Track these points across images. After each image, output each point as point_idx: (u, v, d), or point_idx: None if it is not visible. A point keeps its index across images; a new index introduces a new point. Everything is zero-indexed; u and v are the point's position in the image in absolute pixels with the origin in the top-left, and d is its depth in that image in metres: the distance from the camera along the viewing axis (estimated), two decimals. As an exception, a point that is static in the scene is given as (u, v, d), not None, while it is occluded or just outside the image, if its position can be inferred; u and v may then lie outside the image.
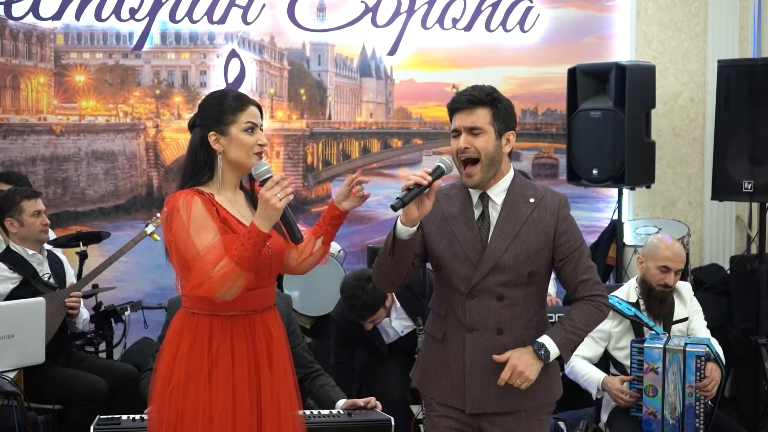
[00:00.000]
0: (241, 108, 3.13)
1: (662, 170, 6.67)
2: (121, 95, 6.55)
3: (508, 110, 3.21)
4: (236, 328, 3.09)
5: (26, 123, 6.44)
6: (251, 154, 3.12)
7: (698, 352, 4.28)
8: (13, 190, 5.01)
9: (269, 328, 3.15)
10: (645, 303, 4.61)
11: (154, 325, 5.56)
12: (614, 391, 4.44)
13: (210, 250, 2.93)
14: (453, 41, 6.72)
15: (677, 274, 4.59)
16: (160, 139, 6.59)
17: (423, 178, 2.99)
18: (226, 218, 3.06)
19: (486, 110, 3.16)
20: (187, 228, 2.97)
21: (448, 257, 3.20)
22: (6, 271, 4.69)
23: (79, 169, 6.53)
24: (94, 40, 6.51)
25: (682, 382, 4.30)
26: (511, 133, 3.21)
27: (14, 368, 4.29)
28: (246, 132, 3.11)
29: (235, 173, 3.17)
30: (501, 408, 3.19)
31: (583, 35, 6.91)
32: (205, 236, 2.96)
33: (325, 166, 6.84)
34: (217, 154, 3.12)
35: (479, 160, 3.15)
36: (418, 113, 6.87)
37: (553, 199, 3.23)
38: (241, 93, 3.26)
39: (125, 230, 6.37)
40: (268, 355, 3.12)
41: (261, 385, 3.10)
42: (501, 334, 3.17)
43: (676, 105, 6.88)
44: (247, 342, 3.10)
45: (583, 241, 3.30)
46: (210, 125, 3.13)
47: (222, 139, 3.11)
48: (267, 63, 6.68)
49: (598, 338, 4.62)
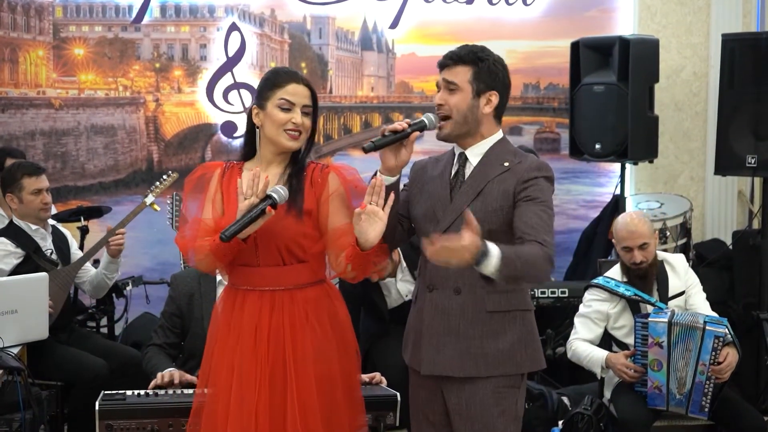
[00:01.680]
0: (280, 84, 3.12)
1: (664, 145, 6.63)
2: (120, 69, 6.50)
3: (492, 71, 3.12)
4: (248, 302, 3.12)
5: (25, 97, 6.39)
6: (281, 132, 3.10)
7: (718, 333, 4.27)
8: (16, 164, 4.93)
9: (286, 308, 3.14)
10: (630, 282, 4.61)
11: (155, 300, 5.56)
12: (619, 366, 4.44)
13: (205, 224, 3.10)
14: (455, 14, 6.67)
15: (643, 248, 4.56)
16: (160, 113, 6.54)
17: (400, 126, 3.03)
18: (225, 195, 3.14)
19: (466, 68, 3.10)
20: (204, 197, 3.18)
21: (420, 216, 3.20)
22: (9, 245, 4.65)
23: (79, 144, 6.48)
24: (93, 13, 6.45)
25: (695, 359, 4.29)
26: (493, 93, 3.11)
27: (18, 344, 4.27)
28: (280, 109, 3.09)
29: (271, 149, 3.16)
30: (456, 372, 3.11)
31: (586, 8, 6.86)
32: (207, 210, 3.15)
33: (327, 140, 6.80)
34: (256, 128, 3.15)
35: (451, 117, 3.12)
36: (420, 87, 6.84)
37: (529, 164, 3.11)
38: (291, 70, 3.26)
39: (125, 204, 6.32)
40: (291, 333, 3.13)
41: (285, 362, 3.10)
42: (458, 294, 3.11)
43: (679, 79, 6.84)
44: (231, 314, 3.15)
45: (549, 207, 3.05)
46: (256, 99, 3.17)
47: (261, 113, 3.13)
48: (267, 36, 6.63)
49: (596, 319, 4.64)
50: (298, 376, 3.10)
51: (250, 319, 3.12)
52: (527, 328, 3.18)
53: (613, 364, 4.46)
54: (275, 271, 3.14)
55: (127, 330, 5.63)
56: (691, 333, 4.30)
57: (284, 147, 3.12)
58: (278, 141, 3.11)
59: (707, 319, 4.34)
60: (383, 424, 3.85)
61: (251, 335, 3.11)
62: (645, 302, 4.54)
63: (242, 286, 3.16)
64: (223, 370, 3.11)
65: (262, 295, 3.14)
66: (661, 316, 4.36)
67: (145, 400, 3.70)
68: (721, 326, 4.30)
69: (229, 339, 3.13)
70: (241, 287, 3.16)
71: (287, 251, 3.13)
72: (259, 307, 3.12)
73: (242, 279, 3.16)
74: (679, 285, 4.65)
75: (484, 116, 3.13)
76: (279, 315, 3.13)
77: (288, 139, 3.09)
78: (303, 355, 3.11)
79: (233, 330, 3.14)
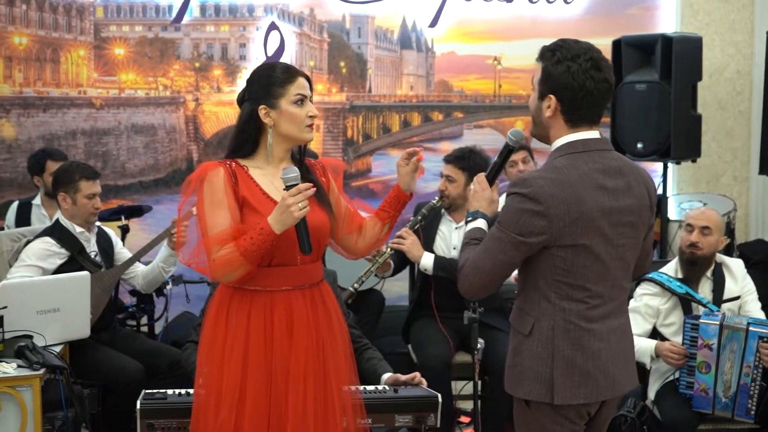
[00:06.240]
0: (289, 80, 3.11)
1: (707, 144, 6.56)
2: (160, 68, 6.53)
3: (553, 73, 2.84)
4: (256, 303, 3.10)
5: (66, 96, 6.43)
6: (303, 127, 3.12)
7: (762, 333, 4.21)
8: (74, 165, 4.91)
9: (292, 304, 3.14)
10: (682, 271, 4.55)
11: (195, 299, 5.56)
12: (665, 351, 4.36)
13: (218, 234, 2.99)
14: (495, 13, 6.63)
15: (704, 233, 4.51)
16: (200, 112, 6.56)
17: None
18: (246, 196, 3.07)
19: (538, 67, 2.90)
20: (203, 202, 3.05)
21: None
22: (54, 246, 4.66)
23: (119, 143, 6.52)
24: (134, 13, 6.49)
25: (740, 361, 4.24)
26: (551, 97, 2.85)
27: (60, 342, 4.29)
28: (295, 104, 3.10)
29: (284, 146, 3.16)
30: None
31: (627, 6, 6.81)
32: (218, 214, 3.03)
33: (365, 139, 6.79)
34: (267, 128, 3.11)
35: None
36: (459, 86, 6.80)
37: (515, 179, 3.07)
38: (290, 65, 3.25)
39: (165, 204, 6.36)
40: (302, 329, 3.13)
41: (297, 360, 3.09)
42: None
43: (722, 77, 6.77)
44: (271, 317, 3.10)
45: (502, 228, 2.81)
46: (259, 99, 3.11)
47: (272, 112, 3.10)
48: (307, 35, 6.62)
49: (646, 314, 4.56)
50: (336, 370, 3.16)
51: (300, 318, 3.11)
52: (517, 352, 2.92)
53: (662, 350, 4.38)
54: (311, 267, 3.18)
55: (166, 329, 5.64)
56: (735, 335, 4.25)
57: (305, 140, 3.17)
58: (298, 136, 3.13)
59: (750, 321, 4.28)
60: (425, 426, 3.83)
61: (303, 334, 3.10)
62: (696, 302, 4.48)
63: (282, 287, 3.12)
64: (279, 373, 3.08)
65: (303, 292, 3.14)
66: (712, 318, 4.30)
67: (186, 400, 3.69)
68: (764, 326, 4.24)
69: (276, 342, 3.09)
70: (279, 288, 3.11)
71: (322, 246, 3.22)
72: (304, 305, 3.12)
73: (280, 280, 3.11)
74: (735, 290, 4.59)
75: (548, 120, 2.89)
76: (321, 310, 3.17)
77: (309, 132, 3.13)
78: (336, 350, 3.18)
79: (278, 332, 3.09)
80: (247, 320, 3.10)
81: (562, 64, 2.83)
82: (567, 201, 2.75)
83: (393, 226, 3.32)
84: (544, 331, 2.85)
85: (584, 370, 2.84)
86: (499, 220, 2.83)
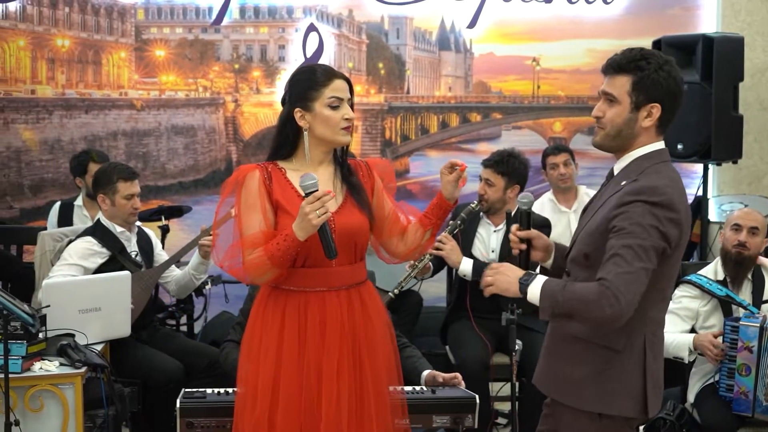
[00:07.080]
0: (325, 83, 3.11)
1: (749, 145, 6.48)
2: (200, 70, 6.58)
3: (654, 80, 2.76)
4: (290, 303, 3.12)
5: (108, 98, 6.51)
6: (338, 130, 3.11)
7: None
8: (112, 166, 4.94)
9: (323, 305, 3.15)
10: (726, 271, 4.50)
11: (234, 299, 5.59)
12: (706, 342, 4.30)
13: (250, 237, 3.03)
14: (533, 13, 6.61)
15: (755, 235, 4.46)
16: (239, 113, 6.60)
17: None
18: (279, 199, 3.08)
19: (626, 78, 2.80)
20: (239, 204, 3.09)
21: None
22: (96, 245, 4.71)
23: (160, 144, 6.58)
24: (174, 15, 6.55)
25: None
26: (655, 106, 2.77)
27: (101, 341, 4.33)
28: (330, 107, 3.09)
29: (321, 149, 3.16)
30: (544, 389, 3.07)
31: (668, 6, 6.75)
32: (251, 216, 3.06)
33: (404, 140, 6.80)
34: (303, 130, 3.11)
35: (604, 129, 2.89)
36: (498, 87, 6.79)
37: (632, 186, 2.75)
38: (329, 67, 3.24)
39: (204, 204, 6.41)
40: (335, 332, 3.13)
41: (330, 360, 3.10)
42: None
43: (764, 78, 6.70)
44: (305, 317, 3.12)
45: (637, 237, 2.68)
46: (296, 102, 3.12)
47: (307, 115, 3.10)
48: (345, 37, 6.64)
49: (684, 316, 4.52)
50: (373, 370, 3.16)
51: (333, 319, 3.12)
52: (604, 368, 2.84)
53: (701, 342, 4.33)
54: (349, 269, 3.17)
55: (205, 328, 5.68)
56: (773, 337, 4.20)
57: (341, 143, 3.15)
58: (334, 139, 3.12)
59: None
60: (462, 426, 3.82)
61: (336, 334, 3.11)
62: (737, 304, 4.43)
63: (316, 288, 3.13)
64: (312, 374, 3.09)
65: (339, 293, 3.15)
66: (753, 320, 4.25)
67: (225, 399, 3.73)
68: None
69: (309, 341, 3.11)
70: (313, 289, 3.13)
71: (361, 248, 3.20)
72: (338, 305, 3.13)
73: (314, 281, 3.12)
74: None
75: (643, 130, 2.82)
76: (360, 311, 3.17)
77: (345, 134, 3.12)
78: (374, 351, 3.18)
79: (311, 331, 3.11)
80: (282, 319, 3.12)
81: (663, 71, 2.78)
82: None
83: (435, 233, 3.31)
84: (635, 345, 2.81)
85: (659, 379, 2.86)
86: (627, 231, 2.67)
